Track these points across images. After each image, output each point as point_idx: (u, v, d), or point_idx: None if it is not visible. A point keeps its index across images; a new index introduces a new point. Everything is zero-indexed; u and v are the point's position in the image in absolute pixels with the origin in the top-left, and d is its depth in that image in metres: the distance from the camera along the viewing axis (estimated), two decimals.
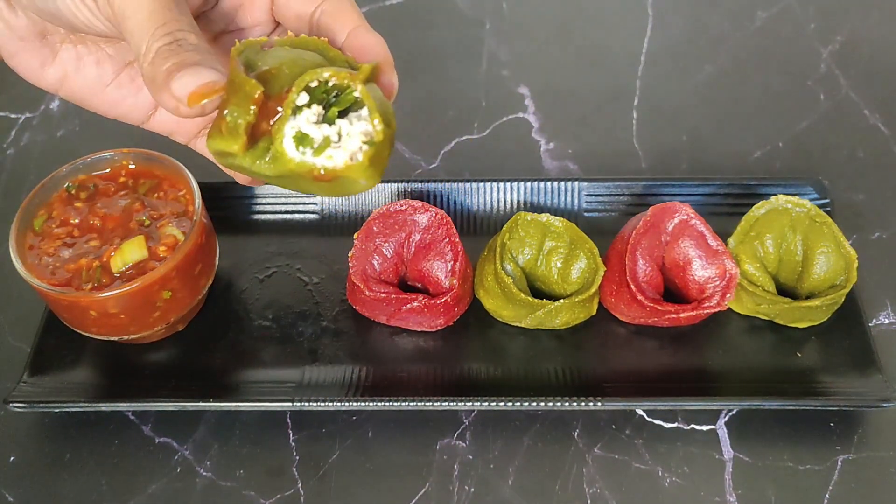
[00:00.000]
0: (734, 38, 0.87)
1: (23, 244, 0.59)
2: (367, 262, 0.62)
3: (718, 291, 0.61)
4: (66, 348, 0.62)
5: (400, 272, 0.64)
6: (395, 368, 0.61)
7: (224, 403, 0.59)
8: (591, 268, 0.63)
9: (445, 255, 0.62)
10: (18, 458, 0.59)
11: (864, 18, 0.89)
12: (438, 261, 0.62)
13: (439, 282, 0.62)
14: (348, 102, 0.38)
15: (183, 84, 0.38)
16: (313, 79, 0.38)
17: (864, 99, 0.81)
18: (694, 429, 0.59)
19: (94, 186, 0.62)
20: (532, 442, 0.59)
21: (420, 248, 0.63)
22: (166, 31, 0.39)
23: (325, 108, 0.38)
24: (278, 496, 0.57)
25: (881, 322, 0.64)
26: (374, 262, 0.63)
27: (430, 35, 0.89)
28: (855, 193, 0.73)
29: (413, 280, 0.64)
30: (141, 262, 0.57)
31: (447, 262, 0.62)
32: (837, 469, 0.57)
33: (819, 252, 0.62)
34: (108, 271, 0.57)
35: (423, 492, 0.57)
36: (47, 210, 0.60)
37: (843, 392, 0.58)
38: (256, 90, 0.37)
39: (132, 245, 0.58)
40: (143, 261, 0.57)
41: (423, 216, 0.63)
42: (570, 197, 0.70)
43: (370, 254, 0.63)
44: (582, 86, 0.84)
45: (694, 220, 0.62)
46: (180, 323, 0.62)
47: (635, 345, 0.63)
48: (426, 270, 0.62)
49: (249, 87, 0.37)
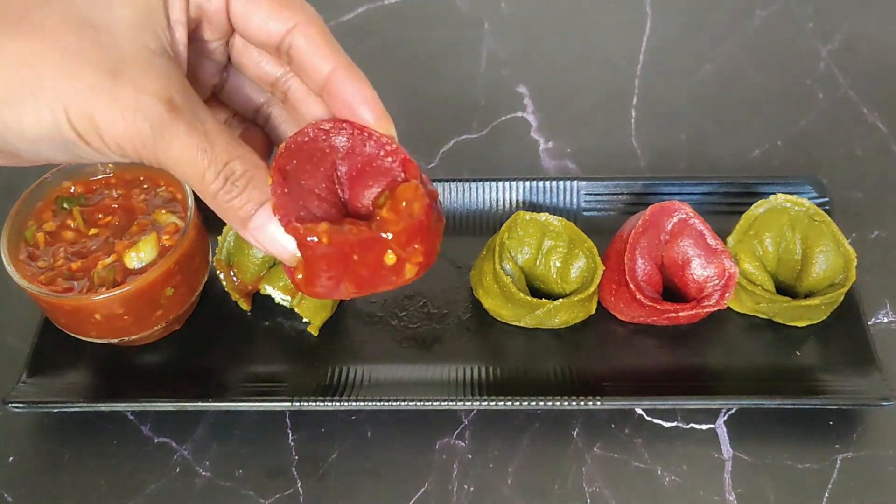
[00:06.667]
0: (733, 37, 0.87)
1: (15, 253, 0.59)
2: (297, 213, 0.40)
3: (717, 290, 0.61)
4: (64, 348, 0.62)
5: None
6: (393, 368, 0.61)
7: (223, 403, 0.59)
8: (590, 267, 0.63)
9: (392, 172, 0.42)
10: (17, 459, 0.59)
11: (862, 17, 0.89)
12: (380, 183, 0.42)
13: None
14: None
15: (268, 232, 0.39)
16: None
17: (862, 97, 0.81)
18: (693, 428, 0.59)
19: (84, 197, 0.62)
20: (531, 441, 0.59)
21: (353, 178, 0.43)
22: (214, 174, 0.38)
23: None
24: (277, 496, 0.57)
25: (880, 321, 0.64)
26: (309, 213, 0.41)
27: (429, 35, 0.89)
28: (854, 192, 0.73)
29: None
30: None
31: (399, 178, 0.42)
32: (837, 468, 0.57)
33: (818, 251, 0.62)
34: (121, 271, 0.57)
35: (423, 491, 0.57)
36: (37, 220, 0.61)
37: (842, 391, 0.58)
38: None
39: (147, 242, 0.58)
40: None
41: (341, 138, 0.42)
42: (569, 196, 0.69)
43: (298, 208, 0.40)
44: (581, 85, 0.84)
45: (693, 219, 0.62)
46: (177, 322, 0.63)
47: (634, 344, 0.63)
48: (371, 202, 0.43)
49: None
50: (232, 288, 0.63)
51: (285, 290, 0.62)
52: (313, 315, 0.62)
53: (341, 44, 0.43)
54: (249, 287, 0.64)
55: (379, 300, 0.65)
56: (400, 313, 0.64)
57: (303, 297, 0.61)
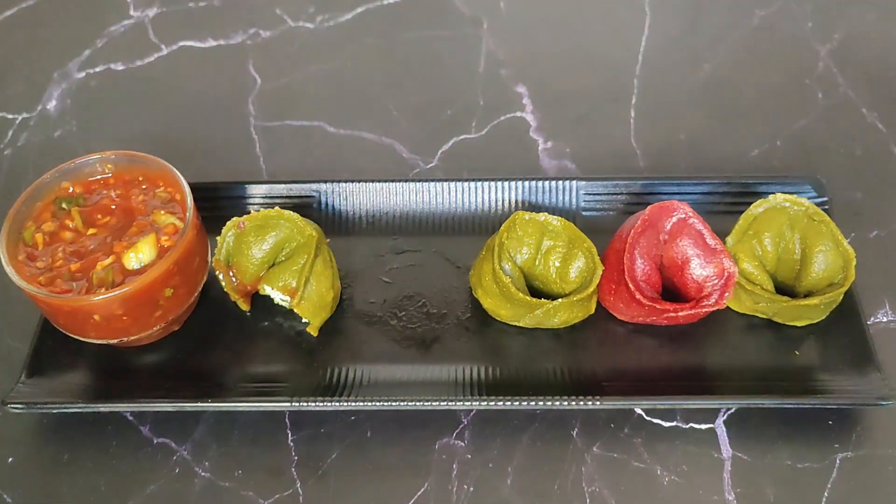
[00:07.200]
0: (732, 37, 0.87)
1: (14, 254, 0.59)
2: None
3: (717, 290, 0.61)
4: (64, 349, 0.62)
5: None
6: (392, 368, 0.61)
7: (222, 403, 0.59)
8: (590, 267, 0.63)
9: None
10: (17, 460, 0.59)
11: (861, 17, 0.89)
12: None
13: None
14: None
15: None
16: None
17: (862, 97, 0.81)
18: (693, 427, 0.59)
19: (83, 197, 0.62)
20: (531, 441, 0.59)
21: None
22: None
23: None
24: (277, 496, 0.57)
25: (879, 320, 0.64)
26: None
27: (429, 34, 0.89)
28: (853, 192, 0.73)
29: None
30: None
31: None
32: (836, 467, 0.57)
33: (817, 250, 0.62)
34: (120, 271, 0.57)
35: (422, 491, 0.57)
36: (35, 221, 0.61)
37: (841, 390, 0.58)
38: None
39: (146, 243, 0.58)
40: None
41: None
42: (568, 196, 0.69)
43: None
44: (580, 85, 0.84)
45: (692, 218, 0.62)
46: (176, 323, 0.63)
47: (634, 344, 0.63)
48: None
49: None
50: (231, 288, 0.63)
51: (284, 290, 0.62)
52: (313, 315, 0.62)
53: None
54: (249, 287, 0.64)
55: (379, 300, 0.65)
56: (399, 313, 0.64)
57: (302, 298, 0.61)
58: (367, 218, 0.70)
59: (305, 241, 0.62)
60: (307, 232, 0.62)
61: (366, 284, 0.66)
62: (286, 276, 0.61)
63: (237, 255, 0.63)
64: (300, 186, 0.70)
